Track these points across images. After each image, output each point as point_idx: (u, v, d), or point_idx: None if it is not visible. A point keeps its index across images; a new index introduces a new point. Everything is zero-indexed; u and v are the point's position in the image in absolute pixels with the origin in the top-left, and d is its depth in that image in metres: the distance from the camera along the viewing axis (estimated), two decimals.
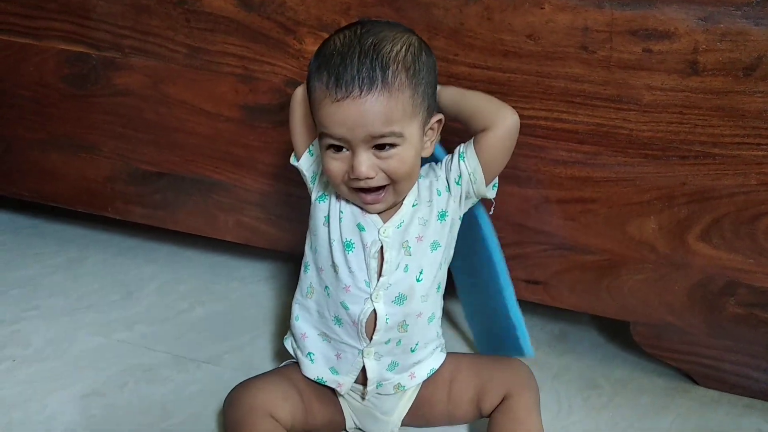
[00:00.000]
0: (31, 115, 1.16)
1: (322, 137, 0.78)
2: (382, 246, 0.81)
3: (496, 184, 0.87)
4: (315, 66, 0.77)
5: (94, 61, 1.09)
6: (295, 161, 0.88)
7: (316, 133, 0.84)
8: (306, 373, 0.87)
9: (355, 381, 0.86)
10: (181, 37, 1.03)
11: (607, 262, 0.97)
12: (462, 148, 0.84)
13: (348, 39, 0.76)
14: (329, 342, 0.86)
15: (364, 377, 0.85)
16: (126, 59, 1.07)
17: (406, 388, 0.87)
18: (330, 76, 0.74)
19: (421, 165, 0.83)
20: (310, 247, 0.87)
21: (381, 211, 0.82)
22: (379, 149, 0.76)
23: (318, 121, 0.77)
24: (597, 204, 0.94)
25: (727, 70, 0.83)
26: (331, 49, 0.76)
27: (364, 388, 0.86)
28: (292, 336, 0.91)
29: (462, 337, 1.11)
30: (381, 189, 0.79)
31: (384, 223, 0.82)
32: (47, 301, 1.15)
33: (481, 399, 0.87)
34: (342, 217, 0.82)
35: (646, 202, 0.92)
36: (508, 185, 0.96)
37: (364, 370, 0.85)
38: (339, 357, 0.85)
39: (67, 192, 1.21)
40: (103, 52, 1.08)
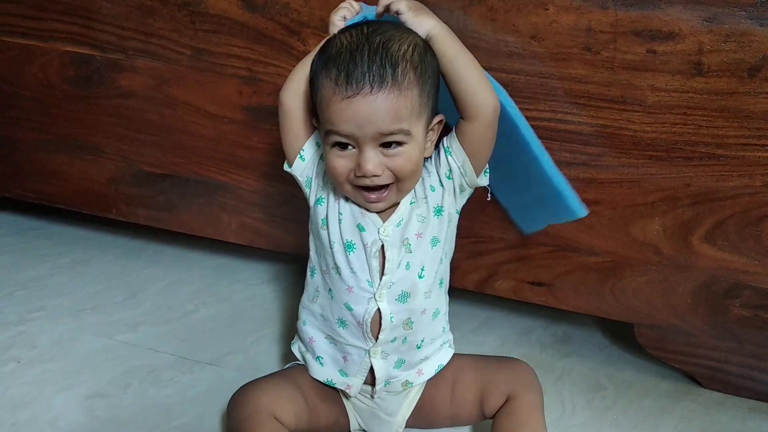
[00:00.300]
0: (36, 116, 1.17)
1: (328, 135, 0.77)
2: (383, 245, 0.81)
3: (488, 171, 0.85)
4: (322, 63, 0.77)
5: (99, 62, 1.09)
6: (288, 168, 0.87)
7: (307, 135, 0.84)
8: (315, 375, 0.87)
9: (364, 382, 0.86)
10: (185, 38, 1.03)
11: (611, 264, 0.97)
12: (447, 142, 0.83)
13: (356, 37, 0.76)
14: (335, 345, 0.86)
15: (371, 377, 0.85)
16: (130, 61, 1.07)
17: (414, 384, 0.87)
18: (340, 73, 0.74)
19: None
20: (314, 250, 0.87)
21: (382, 210, 0.82)
22: (385, 147, 0.76)
23: (325, 119, 0.77)
24: (601, 205, 0.94)
25: (732, 71, 0.83)
26: (338, 47, 0.76)
27: (373, 388, 0.86)
28: (300, 340, 0.91)
29: (463, 338, 1.11)
30: (384, 188, 0.79)
31: (383, 223, 0.82)
32: (52, 303, 1.15)
33: (485, 400, 0.87)
34: (341, 219, 0.82)
35: (650, 204, 0.92)
36: None
37: (371, 370, 0.85)
38: (346, 359, 0.85)
39: (71, 193, 1.21)
40: (107, 53, 1.08)
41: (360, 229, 0.81)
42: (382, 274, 0.81)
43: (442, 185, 0.84)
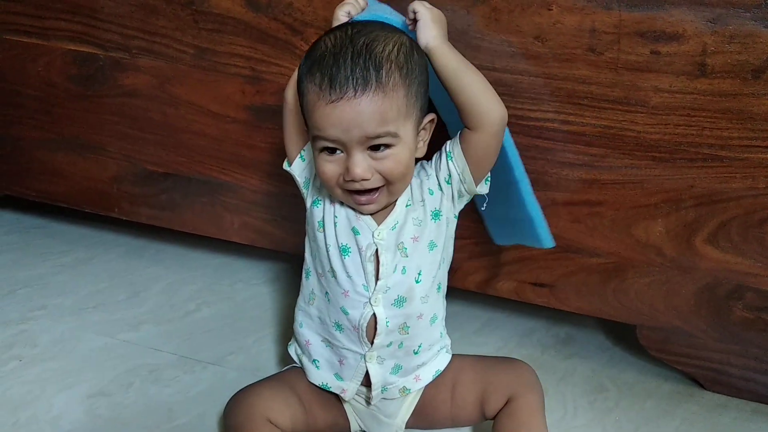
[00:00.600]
0: (39, 115, 1.17)
1: (315, 140, 0.76)
2: (377, 249, 0.81)
3: (488, 179, 0.85)
4: (306, 68, 0.75)
5: (102, 61, 1.09)
6: (287, 166, 0.87)
7: (307, 137, 0.83)
8: (311, 379, 0.87)
9: (360, 384, 0.86)
10: (188, 38, 1.03)
11: (613, 265, 0.97)
12: (449, 147, 0.82)
13: (339, 39, 0.74)
14: (332, 348, 0.86)
15: (368, 381, 0.85)
16: (133, 60, 1.07)
17: (411, 391, 0.87)
18: (323, 77, 0.73)
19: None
20: (309, 253, 0.87)
21: (374, 212, 0.81)
22: (374, 150, 0.75)
23: (311, 124, 0.76)
24: (604, 206, 0.94)
25: (736, 73, 0.83)
26: (322, 50, 0.74)
27: (369, 392, 0.85)
28: (296, 342, 0.91)
29: (465, 339, 1.11)
30: (375, 190, 0.78)
31: (378, 226, 0.81)
32: (54, 301, 1.15)
33: (485, 401, 0.87)
34: (337, 222, 0.82)
35: (653, 205, 0.92)
36: None
37: (367, 374, 0.84)
38: (342, 363, 0.85)
39: (74, 192, 1.21)
40: (110, 52, 1.08)
41: (355, 233, 0.81)
42: (377, 279, 0.81)
43: (441, 189, 0.83)
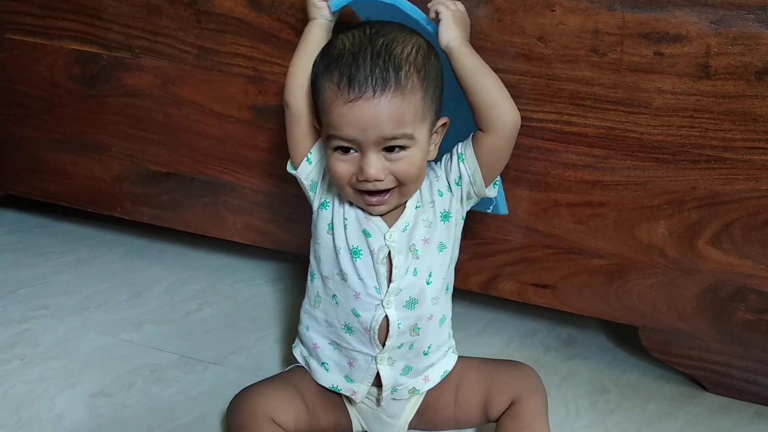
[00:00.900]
0: (41, 114, 1.17)
1: (329, 139, 0.76)
2: (390, 251, 0.81)
3: (497, 183, 0.86)
4: (324, 66, 0.76)
5: (105, 61, 1.09)
6: (292, 170, 0.86)
7: (314, 138, 0.83)
8: (321, 381, 0.87)
9: (371, 385, 0.85)
10: (191, 37, 1.03)
11: (616, 267, 0.97)
12: (461, 149, 0.82)
13: (358, 39, 0.75)
14: (341, 350, 0.85)
15: (378, 381, 0.85)
16: (136, 60, 1.07)
17: (420, 391, 0.87)
18: (342, 76, 0.73)
19: None
20: (314, 256, 0.86)
21: (384, 212, 0.81)
22: (388, 151, 0.75)
23: (327, 123, 0.76)
24: (606, 208, 0.94)
25: (739, 74, 0.83)
26: (340, 49, 0.75)
27: (379, 392, 0.85)
28: (302, 345, 0.91)
29: (467, 340, 1.11)
30: (386, 191, 0.78)
31: (389, 228, 0.81)
32: (56, 301, 1.15)
33: (489, 403, 0.87)
34: (347, 224, 0.82)
35: (656, 207, 0.92)
36: (518, 188, 0.96)
37: (378, 375, 0.84)
38: (352, 365, 0.85)
39: (77, 192, 1.22)
40: (113, 52, 1.08)
41: (366, 235, 0.81)
42: (389, 281, 0.81)
43: (450, 191, 0.84)
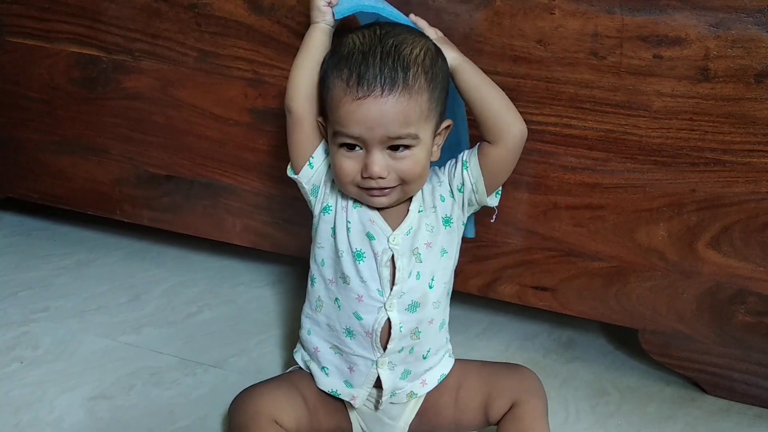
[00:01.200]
0: (41, 117, 1.17)
1: (336, 135, 0.77)
2: (393, 254, 0.81)
3: (499, 192, 0.86)
4: (333, 63, 0.77)
5: (105, 64, 1.09)
6: (292, 174, 0.86)
7: (317, 142, 0.84)
8: (321, 386, 0.87)
9: (371, 387, 0.85)
10: (191, 40, 1.03)
11: (615, 269, 0.97)
12: (466, 157, 0.84)
13: (368, 39, 0.76)
14: (341, 355, 0.86)
15: (377, 384, 0.85)
16: (136, 62, 1.08)
17: (418, 395, 0.87)
18: (351, 74, 0.74)
19: None
20: (315, 260, 0.86)
21: (386, 205, 0.81)
22: (393, 150, 0.76)
23: (334, 119, 0.77)
24: (606, 210, 0.94)
25: (738, 77, 0.83)
26: (350, 48, 0.76)
27: (379, 395, 0.85)
28: (303, 349, 0.91)
29: (467, 343, 1.11)
30: (389, 188, 0.79)
31: (393, 231, 0.81)
32: (56, 303, 1.15)
33: (489, 406, 0.87)
34: (350, 227, 0.82)
35: (655, 209, 0.92)
36: (517, 191, 0.96)
37: (378, 379, 0.84)
38: (352, 370, 0.85)
39: (76, 194, 1.22)
40: (113, 55, 1.08)
41: (370, 238, 0.81)
42: (392, 284, 0.81)
43: (452, 196, 0.85)
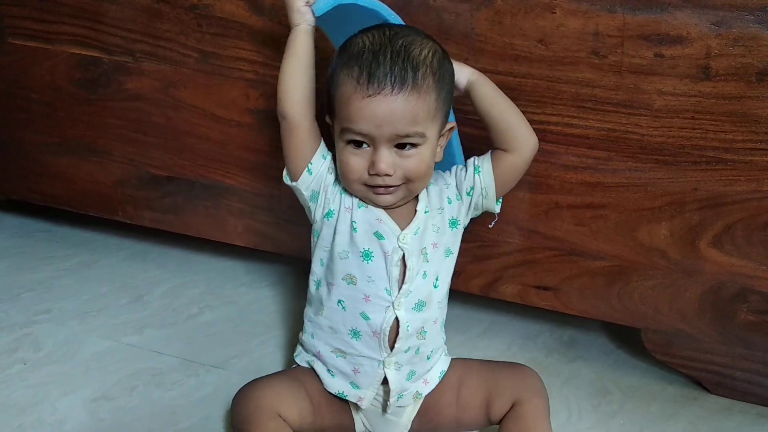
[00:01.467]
0: (43, 118, 1.17)
1: (344, 132, 0.78)
2: (404, 254, 0.82)
3: (500, 199, 0.88)
4: (343, 61, 0.78)
5: (106, 65, 1.10)
6: (290, 181, 0.86)
7: (315, 146, 0.83)
8: (327, 387, 0.87)
9: (379, 384, 0.85)
10: (192, 41, 1.03)
11: (617, 268, 0.97)
12: (477, 162, 0.86)
13: (378, 39, 0.78)
14: (344, 357, 0.85)
15: (384, 383, 0.85)
16: (137, 64, 1.08)
17: (423, 395, 0.87)
18: (362, 72, 0.75)
19: None
20: (317, 262, 0.86)
21: (390, 203, 0.82)
22: (400, 148, 0.78)
23: (343, 116, 0.78)
24: (608, 209, 0.94)
25: (740, 75, 0.83)
26: (360, 47, 0.77)
27: (386, 396, 0.85)
28: (305, 352, 0.90)
29: (469, 342, 1.11)
30: (394, 186, 0.80)
31: (402, 230, 0.82)
32: (58, 305, 1.15)
33: (490, 405, 0.87)
34: (356, 227, 0.82)
35: (657, 208, 0.92)
36: (519, 190, 0.96)
37: (384, 380, 0.84)
38: (357, 371, 0.85)
39: (78, 196, 1.22)
40: (114, 56, 1.08)
41: (379, 237, 0.82)
42: (401, 283, 0.82)
43: (460, 199, 0.86)
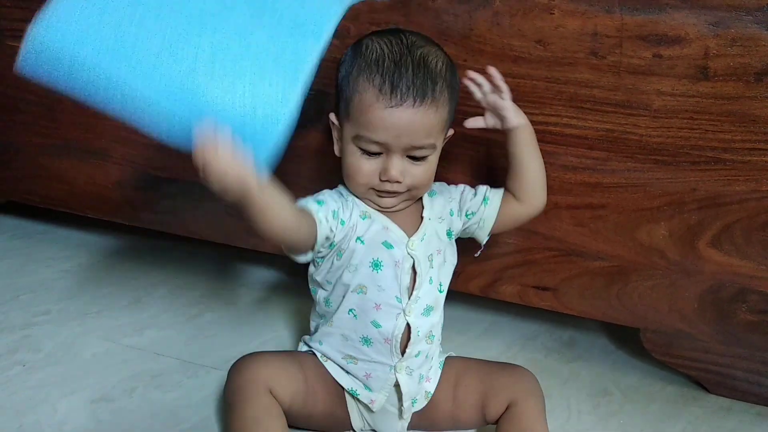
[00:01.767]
0: (42, 120, 1.17)
1: (358, 139, 0.78)
2: (414, 261, 0.83)
3: (490, 235, 0.90)
4: (361, 67, 0.78)
5: None
6: (304, 259, 0.83)
7: (328, 229, 0.81)
8: (341, 382, 0.86)
9: (392, 388, 0.85)
10: None
11: (616, 269, 0.97)
12: (489, 194, 0.88)
13: (397, 47, 0.78)
14: (356, 363, 0.86)
15: (395, 385, 0.85)
16: None
17: (431, 393, 0.88)
18: (384, 81, 0.76)
19: None
20: (324, 279, 0.86)
21: (392, 206, 0.83)
22: (411, 157, 0.79)
23: (360, 123, 0.78)
24: (607, 210, 0.94)
25: (738, 76, 0.83)
26: (378, 53, 0.78)
27: (399, 397, 0.86)
28: (318, 352, 0.90)
29: (468, 343, 1.11)
30: (401, 192, 0.82)
31: (410, 237, 0.83)
32: (57, 306, 1.15)
33: (486, 405, 0.87)
34: (363, 240, 0.82)
35: (656, 208, 0.92)
36: None
37: (396, 385, 0.85)
38: (369, 376, 0.85)
39: (77, 197, 1.22)
40: None
41: (387, 247, 0.82)
42: (411, 289, 0.83)
43: (458, 216, 0.88)
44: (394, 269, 0.82)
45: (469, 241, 0.92)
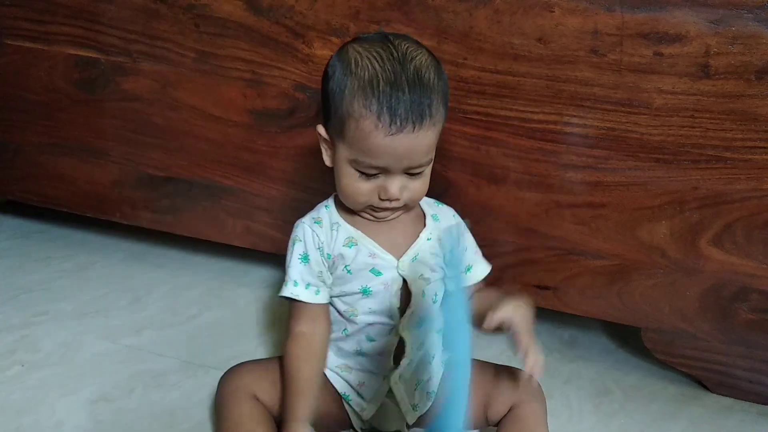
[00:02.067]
0: (40, 119, 1.17)
1: (357, 162, 0.76)
2: (405, 281, 0.82)
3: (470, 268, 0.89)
4: (353, 86, 0.74)
5: (104, 65, 1.09)
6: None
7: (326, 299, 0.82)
8: (334, 383, 0.86)
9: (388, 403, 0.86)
10: (190, 41, 1.03)
11: (617, 268, 0.97)
12: (475, 269, 0.88)
13: (389, 64, 0.74)
14: (350, 373, 0.86)
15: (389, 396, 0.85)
16: (135, 64, 1.07)
17: (434, 393, 0.87)
18: (382, 108, 0.72)
19: None
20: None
21: (388, 218, 0.82)
22: (409, 174, 0.78)
23: (358, 149, 0.75)
24: (608, 208, 0.94)
25: (739, 74, 0.83)
26: (371, 73, 0.73)
27: (398, 407, 0.85)
28: None
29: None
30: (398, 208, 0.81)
31: (398, 259, 0.82)
32: (56, 306, 1.15)
33: (488, 406, 0.87)
34: (350, 270, 0.82)
35: (657, 207, 0.92)
36: (519, 190, 0.96)
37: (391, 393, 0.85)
38: (362, 385, 0.85)
39: (76, 197, 1.21)
40: (112, 56, 1.08)
41: (376, 274, 0.81)
42: (405, 307, 0.82)
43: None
44: (383, 293, 0.81)
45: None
